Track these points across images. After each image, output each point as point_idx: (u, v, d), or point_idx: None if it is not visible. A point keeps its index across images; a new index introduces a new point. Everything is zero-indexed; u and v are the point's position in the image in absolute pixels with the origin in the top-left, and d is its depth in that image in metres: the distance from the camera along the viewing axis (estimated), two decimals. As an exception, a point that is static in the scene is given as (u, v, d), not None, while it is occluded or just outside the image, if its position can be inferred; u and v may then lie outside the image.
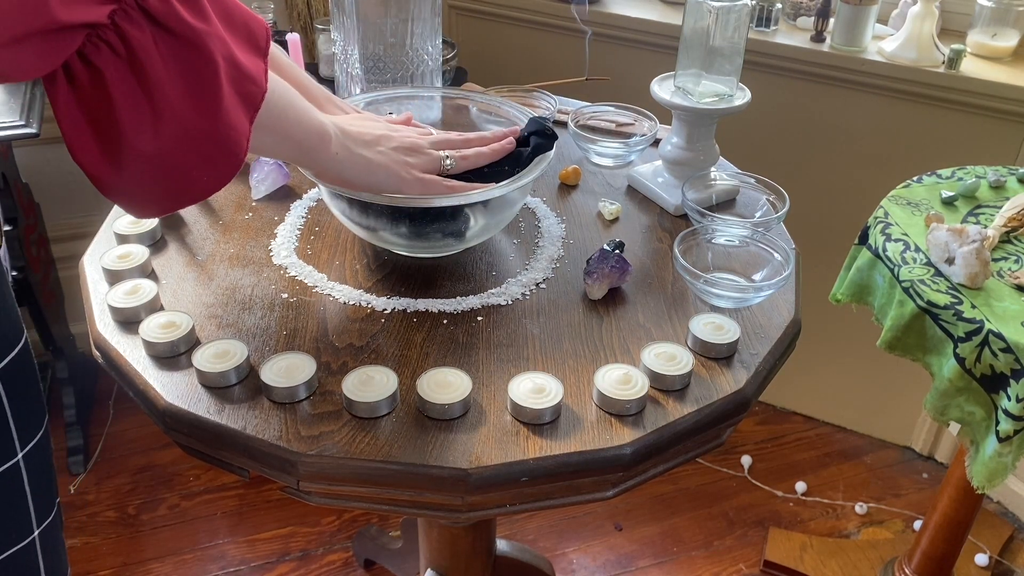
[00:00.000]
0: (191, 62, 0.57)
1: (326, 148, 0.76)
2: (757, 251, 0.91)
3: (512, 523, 1.81)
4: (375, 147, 0.80)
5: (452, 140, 0.87)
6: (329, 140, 0.76)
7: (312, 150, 0.75)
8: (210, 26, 0.58)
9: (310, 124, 0.74)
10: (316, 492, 0.70)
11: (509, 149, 0.87)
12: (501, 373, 0.77)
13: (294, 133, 0.72)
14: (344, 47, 1.19)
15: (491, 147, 0.87)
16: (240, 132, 0.62)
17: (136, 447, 1.96)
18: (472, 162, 0.86)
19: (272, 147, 0.74)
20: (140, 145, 0.57)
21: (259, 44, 0.65)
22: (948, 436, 1.96)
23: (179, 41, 0.56)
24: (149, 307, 0.81)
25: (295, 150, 0.74)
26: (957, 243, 1.09)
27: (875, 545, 1.76)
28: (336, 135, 0.77)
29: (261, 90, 0.63)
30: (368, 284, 0.88)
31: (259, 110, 0.63)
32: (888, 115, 1.70)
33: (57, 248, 1.98)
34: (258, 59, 0.64)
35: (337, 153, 0.77)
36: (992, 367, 1.04)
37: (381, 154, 0.80)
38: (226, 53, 0.60)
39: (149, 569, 1.69)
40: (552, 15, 1.91)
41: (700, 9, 0.97)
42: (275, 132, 0.70)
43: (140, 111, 0.56)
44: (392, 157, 0.81)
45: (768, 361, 0.80)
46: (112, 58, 0.54)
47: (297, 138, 0.73)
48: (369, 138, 0.80)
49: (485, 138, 0.88)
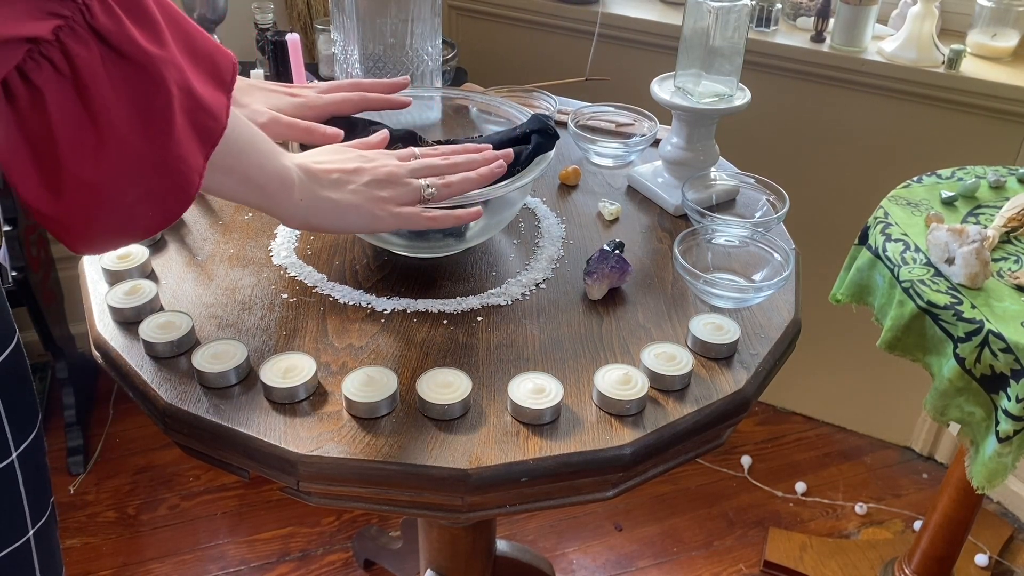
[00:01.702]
0: (142, 88, 0.54)
1: (288, 195, 0.71)
2: (757, 251, 0.91)
3: (512, 523, 1.81)
4: (344, 186, 0.75)
5: (435, 165, 0.80)
6: (292, 186, 0.71)
7: (273, 196, 0.70)
8: (166, 52, 0.55)
9: (272, 167, 0.69)
10: (316, 492, 0.70)
11: (499, 174, 0.82)
12: (501, 373, 0.77)
13: (254, 176, 0.68)
14: (344, 47, 1.19)
15: (479, 172, 0.81)
16: (192, 167, 0.58)
17: (136, 447, 1.96)
18: (457, 189, 0.79)
19: (230, 189, 0.68)
20: (81, 172, 0.53)
21: (223, 78, 0.61)
22: (948, 436, 1.96)
23: (130, 64, 0.53)
24: (149, 307, 0.81)
25: (255, 195, 0.70)
26: (957, 243, 1.09)
27: (875, 545, 1.76)
28: (300, 180, 0.72)
29: (220, 125, 0.60)
30: (368, 284, 0.88)
31: (216, 146, 0.60)
32: (888, 115, 1.70)
33: (57, 248, 1.98)
34: (220, 93, 0.60)
35: (301, 200, 0.72)
36: (992, 367, 1.04)
37: (352, 193, 0.75)
38: (182, 82, 0.56)
39: (149, 569, 1.69)
40: (552, 15, 1.91)
41: (700, 9, 0.97)
42: (233, 173, 0.66)
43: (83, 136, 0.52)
44: (364, 195, 0.75)
45: (768, 361, 0.80)
46: (54, 77, 0.51)
47: (257, 182, 0.68)
48: (336, 176, 0.75)
49: (473, 160, 0.82)
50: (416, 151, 0.82)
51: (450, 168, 0.80)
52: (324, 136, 0.87)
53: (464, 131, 1.04)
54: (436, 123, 1.06)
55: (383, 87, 0.95)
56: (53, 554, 0.75)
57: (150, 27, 0.54)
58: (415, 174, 0.78)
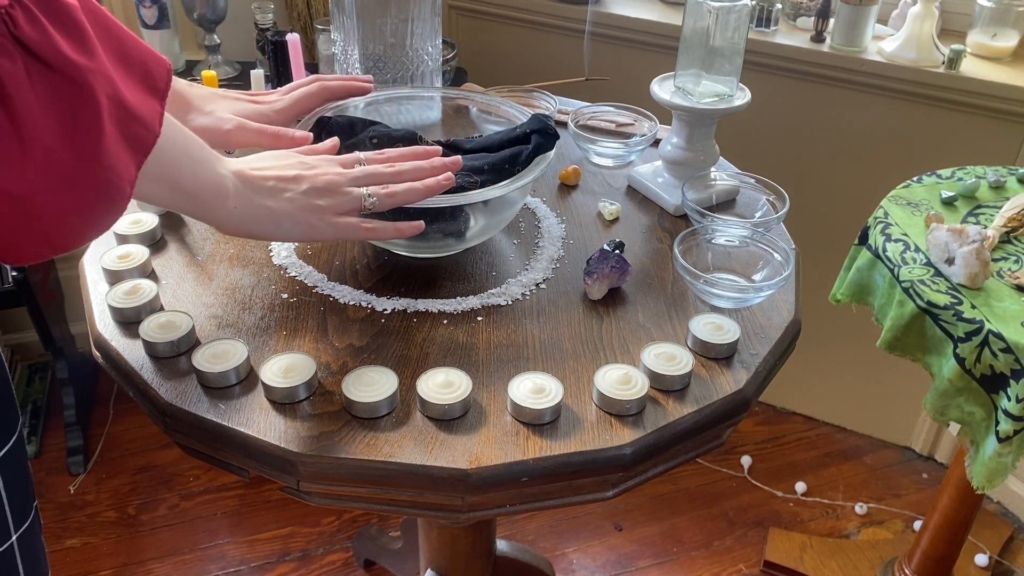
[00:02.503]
0: (68, 99, 0.52)
1: (222, 203, 0.70)
2: (757, 251, 0.91)
3: (512, 523, 1.81)
4: (281, 194, 0.73)
5: (380, 173, 0.78)
6: (226, 195, 0.70)
7: (206, 204, 0.69)
8: (94, 62, 0.54)
9: (205, 176, 0.68)
10: (316, 492, 0.70)
11: (446, 185, 0.79)
12: (501, 373, 0.77)
13: (187, 185, 0.67)
14: (344, 47, 1.19)
15: (425, 183, 0.78)
16: (124, 177, 0.57)
17: (136, 447, 1.96)
18: (401, 199, 0.77)
19: (162, 197, 0.67)
20: (6, 184, 0.51)
21: (156, 85, 0.60)
22: (948, 436, 1.96)
23: (56, 75, 0.52)
24: (149, 307, 0.81)
25: (188, 203, 0.69)
26: (957, 243, 1.09)
27: (875, 545, 1.76)
28: (235, 188, 0.70)
29: (152, 134, 0.59)
30: (368, 284, 0.88)
31: (148, 155, 0.59)
32: (888, 115, 1.70)
33: (57, 248, 1.98)
34: (153, 101, 0.59)
35: (235, 208, 0.70)
36: (992, 367, 1.04)
37: (288, 201, 0.73)
38: (112, 92, 0.55)
39: (149, 569, 1.69)
40: (552, 15, 1.91)
41: (700, 9, 0.97)
42: (165, 182, 0.65)
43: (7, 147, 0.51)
44: (300, 203, 0.73)
45: (768, 361, 0.80)
46: None
47: (190, 190, 0.67)
48: (273, 184, 0.73)
49: (420, 169, 0.79)
50: (361, 157, 0.80)
51: (394, 177, 0.78)
52: (292, 140, 0.85)
53: (464, 131, 1.04)
54: (436, 123, 1.06)
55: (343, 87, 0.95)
56: (38, 558, 0.74)
57: (77, 36, 0.53)
58: (357, 182, 0.76)
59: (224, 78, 1.79)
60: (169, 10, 1.75)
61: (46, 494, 1.84)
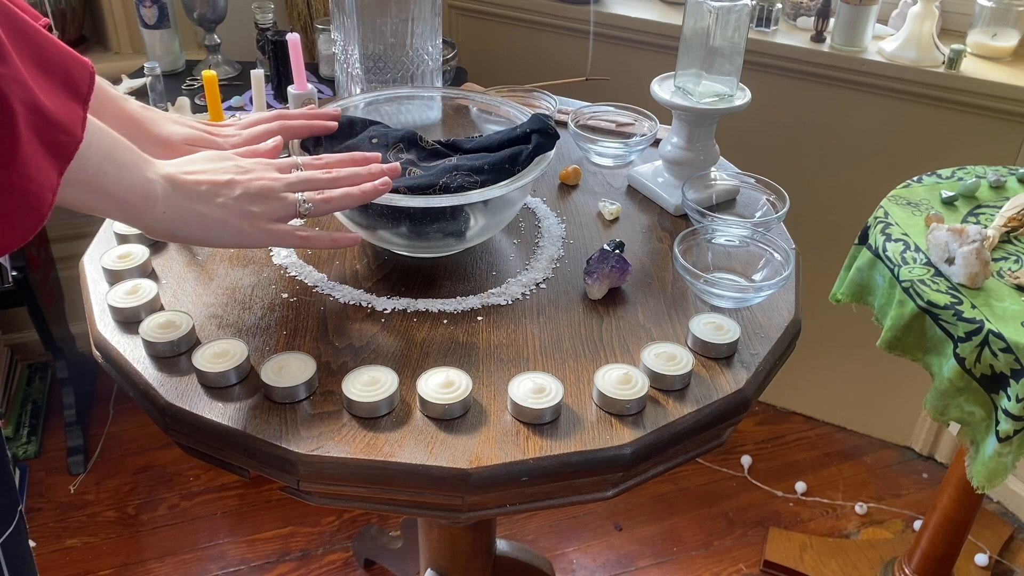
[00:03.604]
0: None
1: (151, 208, 0.68)
2: (757, 251, 0.91)
3: (512, 523, 1.81)
4: (213, 199, 0.71)
5: (316, 179, 0.77)
6: (155, 200, 0.68)
7: (135, 209, 0.67)
8: (6, 68, 0.52)
9: (132, 180, 0.66)
10: (316, 492, 0.70)
11: (384, 191, 0.78)
12: (501, 373, 0.77)
13: (114, 190, 0.65)
14: (344, 47, 1.19)
15: (362, 188, 0.77)
16: (44, 185, 0.55)
17: (136, 447, 1.96)
18: (337, 205, 0.76)
19: (89, 204, 0.65)
20: None
21: (78, 89, 0.58)
22: (948, 436, 1.96)
23: None
24: (149, 307, 0.81)
25: (116, 208, 0.67)
26: (957, 243, 1.09)
27: (875, 545, 1.76)
28: (164, 192, 0.68)
29: (74, 140, 0.57)
30: (368, 284, 0.88)
31: (71, 161, 0.57)
32: (888, 115, 1.70)
33: (57, 248, 1.98)
34: (75, 105, 0.58)
35: (164, 212, 0.69)
36: (992, 367, 1.04)
37: (220, 207, 0.71)
38: (27, 98, 0.53)
39: (149, 569, 1.69)
40: (552, 15, 1.90)
41: (700, 9, 0.97)
42: (91, 188, 0.63)
43: None
44: (233, 209, 0.71)
45: (768, 361, 0.80)
46: None
47: (117, 195, 0.65)
48: (206, 188, 0.71)
49: (357, 175, 0.78)
50: (299, 161, 0.79)
51: (331, 183, 0.77)
52: None
53: (464, 131, 1.04)
54: (436, 123, 1.06)
55: (308, 116, 0.89)
56: (24, 562, 0.74)
57: None
58: (293, 188, 0.75)
59: (224, 78, 1.79)
60: (169, 10, 1.75)
61: (46, 494, 1.84)
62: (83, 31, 1.91)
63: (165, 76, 1.73)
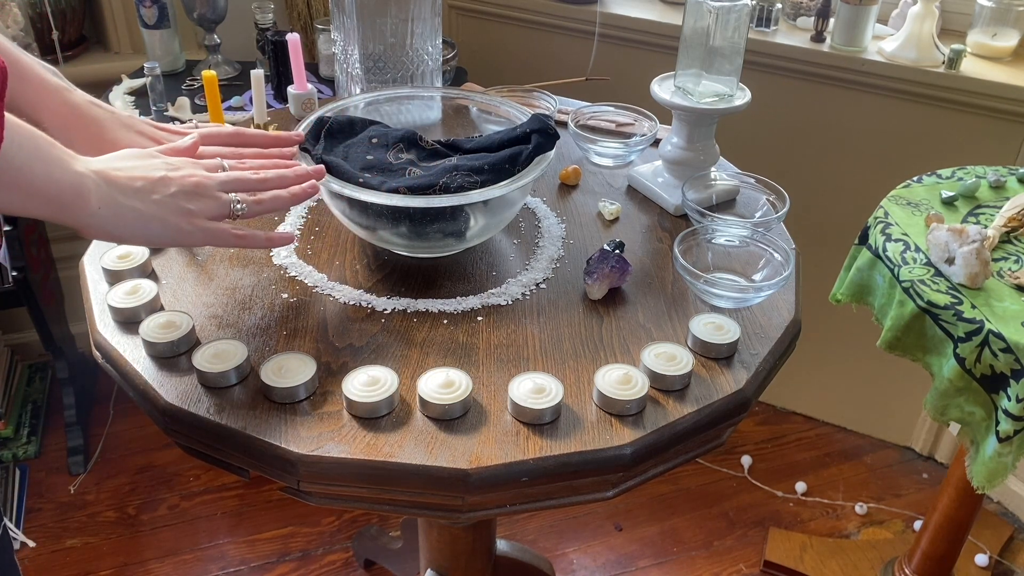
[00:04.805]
0: None
1: (84, 205, 0.66)
2: (757, 251, 0.91)
3: (512, 523, 1.81)
4: (148, 195, 0.70)
5: (245, 179, 0.76)
6: (88, 195, 0.66)
7: (67, 207, 0.65)
8: None
9: (63, 178, 0.64)
10: (316, 492, 0.70)
11: (312, 194, 0.79)
12: (501, 373, 0.77)
13: (44, 190, 0.63)
14: (344, 47, 1.19)
15: (291, 191, 0.78)
16: None
17: (136, 447, 1.96)
18: (268, 207, 0.76)
19: (18, 205, 0.63)
20: None
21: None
22: (948, 436, 1.96)
23: None
24: (149, 307, 0.81)
25: (47, 208, 0.65)
26: (957, 243, 1.09)
27: (875, 545, 1.76)
28: (97, 187, 0.67)
29: None
30: (368, 284, 0.88)
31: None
32: (888, 115, 1.70)
33: (57, 248, 1.98)
34: None
35: (99, 208, 0.67)
36: (992, 367, 1.04)
37: (156, 203, 0.70)
38: None
39: (149, 569, 1.69)
40: (552, 15, 1.90)
41: (700, 9, 0.97)
42: (17, 189, 0.61)
43: None
44: (169, 206, 0.70)
45: (768, 361, 0.80)
46: None
47: (48, 195, 0.64)
48: (140, 184, 0.70)
49: (284, 177, 0.78)
50: (224, 162, 0.78)
51: (260, 184, 0.77)
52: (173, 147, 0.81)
53: (464, 131, 1.04)
54: (436, 123, 1.06)
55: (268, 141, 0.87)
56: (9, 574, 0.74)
57: None
58: (224, 187, 0.75)
59: (224, 78, 1.79)
60: (169, 10, 1.75)
61: (46, 494, 1.84)
62: (83, 31, 1.91)
63: (165, 76, 1.73)
